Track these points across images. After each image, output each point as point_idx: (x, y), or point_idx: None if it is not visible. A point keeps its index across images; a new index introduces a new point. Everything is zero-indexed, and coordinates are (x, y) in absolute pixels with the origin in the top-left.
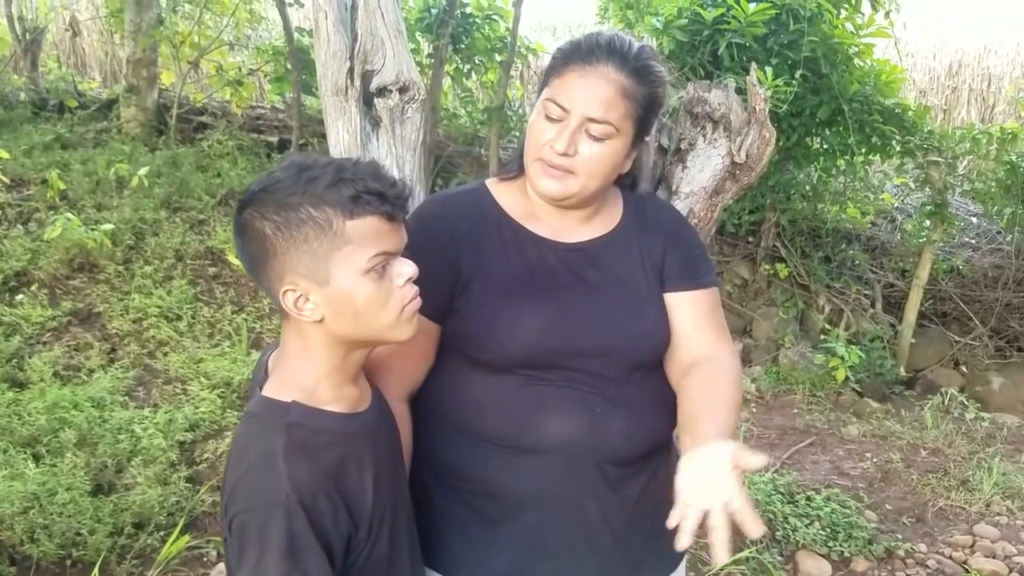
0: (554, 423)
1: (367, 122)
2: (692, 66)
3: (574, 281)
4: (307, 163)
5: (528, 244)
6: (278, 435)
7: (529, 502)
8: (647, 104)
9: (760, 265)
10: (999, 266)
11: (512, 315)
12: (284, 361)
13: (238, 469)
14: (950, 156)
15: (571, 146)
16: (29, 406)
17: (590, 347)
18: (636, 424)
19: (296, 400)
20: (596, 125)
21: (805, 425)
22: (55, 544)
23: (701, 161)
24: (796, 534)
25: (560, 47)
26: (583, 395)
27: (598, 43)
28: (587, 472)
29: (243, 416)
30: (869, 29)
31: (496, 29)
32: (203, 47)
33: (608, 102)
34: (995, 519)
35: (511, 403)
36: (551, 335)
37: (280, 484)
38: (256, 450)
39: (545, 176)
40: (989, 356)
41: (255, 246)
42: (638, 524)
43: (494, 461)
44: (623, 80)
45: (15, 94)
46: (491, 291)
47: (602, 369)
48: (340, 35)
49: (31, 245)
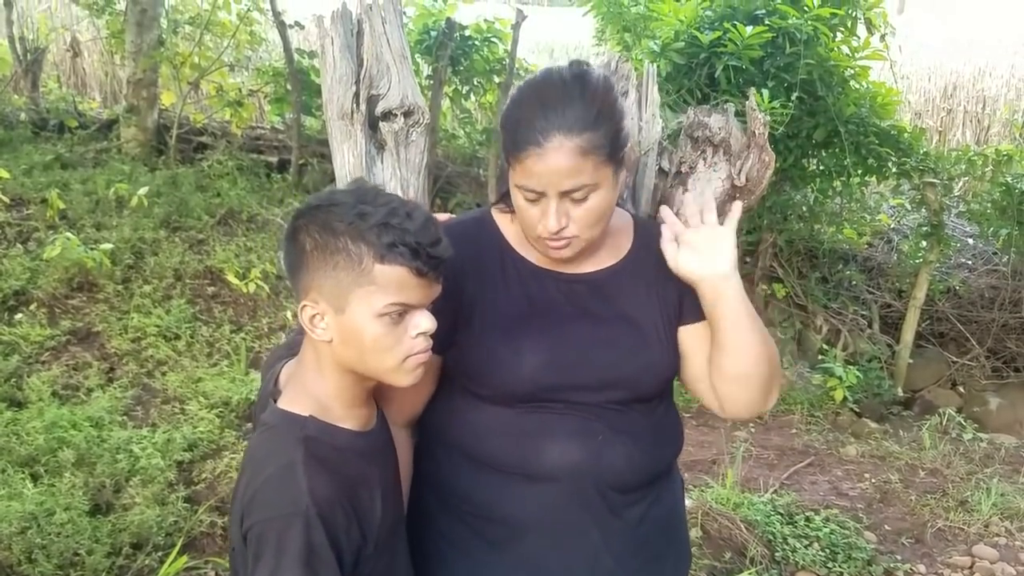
0: (556, 451)
1: (372, 145)
2: (689, 88)
3: (577, 314)
4: (368, 195)
5: (530, 276)
6: (296, 447)
7: (532, 528)
8: (611, 140)
9: (757, 285)
10: (995, 287)
11: (512, 352)
12: (301, 374)
13: (256, 480)
14: (946, 177)
15: (560, 220)
16: (27, 425)
17: (591, 382)
18: (638, 452)
19: (313, 415)
20: (574, 192)
21: (803, 445)
22: (53, 564)
23: (702, 184)
24: (795, 555)
25: (505, 123)
26: (585, 423)
27: (543, 118)
28: (589, 499)
29: (258, 426)
30: (865, 52)
31: (495, 51)
32: (203, 68)
33: (574, 170)
34: (994, 540)
35: (513, 430)
36: (551, 371)
37: (300, 495)
38: (275, 461)
39: (551, 251)
40: (986, 376)
41: (295, 255)
42: (640, 550)
43: (497, 486)
44: (575, 141)
45: (15, 114)
46: (491, 326)
47: (604, 401)
48: (346, 60)
49: (30, 264)
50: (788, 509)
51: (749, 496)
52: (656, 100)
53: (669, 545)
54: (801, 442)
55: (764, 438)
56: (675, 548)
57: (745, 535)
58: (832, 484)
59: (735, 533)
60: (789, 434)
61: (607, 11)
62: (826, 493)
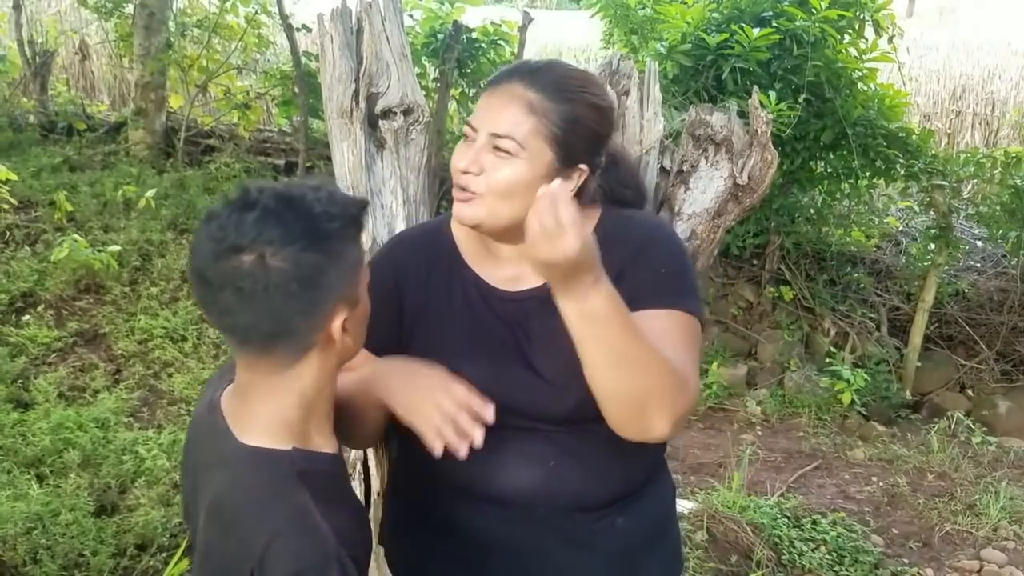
0: (507, 476)
1: (372, 144)
2: (696, 90)
3: (517, 339)
4: (296, 196)
5: (476, 295)
6: (296, 487)
7: (495, 548)
8: (566, 123)
9: (765, 288)
10: (1004, 290)
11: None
12: (259, 404)
13: (261, 534)
14: (954, 180)
15: (474, 163)
16: (34, 426)
17: (530, 410)
18: (593, 473)
19: (296, 446)
20: (500, 140)
21: (811, 448)
22: (58, 565)
23: (703, 183)
24: (802, 558)
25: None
26: (536, 447)
27: (513, 66)
28: (550, 521)
29: (220, 467)
30: (872, 54)
31: (501, 54)
32: (211, 71)
33: (512, 117)
34: (1002, 544)
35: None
36: (488, 398)
37: (326, 539)
38: (280, 509)
39: (457, 202)
40: (995, 380)
41: (303, 280)
42: (616, 564)
43: (458, 506)
44: (530, 95)
45: (24, 117)
46: (433, 347)
47: (549, 426)
48: (345, 58)
49: (38, 266)
50: (795, 512)
51: (755, 499)
52: (658, 98)
53: (653, 554)
54: (808, 445)
55: (771, 441)
56: (660, 555)
57: (751, 538)
58: (839, 487)
59: (741, 536)
60: (796, 437)
61: (614, 14)
62: (833, 496)
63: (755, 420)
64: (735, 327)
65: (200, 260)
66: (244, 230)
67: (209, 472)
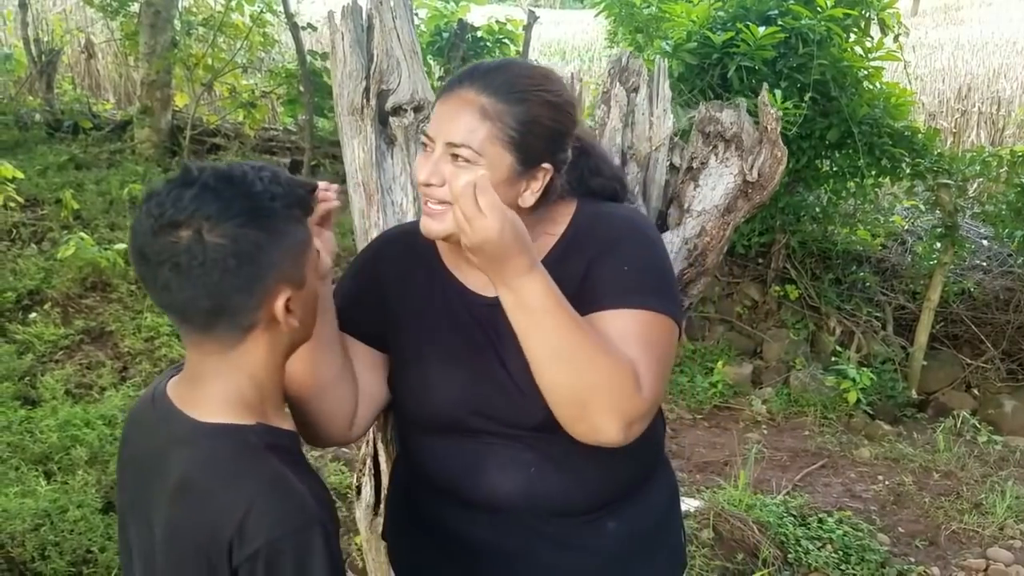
0: (490, 482)
1: (382, 140)
2: (701, 89)
3: (491, 342)
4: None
5: (454, 298)
6: (267, 457)
7: (485, 551)
8: (521, 125)
9: (770, 287)
10: (1010, 289)
11: (421, 384)
12: (215, 384)
13: (238, 503)
14: (960, 179)
15: (434, 174)
16: (41, 424)
17: (509, 416)
18: (575, 478)
19: (259, 421)
20: (457, 149)
21: (817, 447)
22: (66, 561)
23: (713, 180)
24: (808, 557)
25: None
26: (517, 454)
27: (466, 69)
28: (536, 527)
29: (176, 444)
30: (878, 53)
31: (507, 52)
32: (217, 69)
33: (466, 124)
34: (1009, 543)
35: (448, 459)
36: (462, 405)
37: (306, 503)
38: (255, 477)
39: (424, 215)
40: (1001, 379)
41: (240, 257)
42: (609, 566)
43: (448, 508)
44: (483, 100)
45: (30, 115)
46: (407, 352)
47: (528, 432)
48: (356, 55)
49: (45, 264)
50: (801, 511)
51: (762, 497)
52: (667, 96)
53: (651, 556)
54: (814, 444)
55: (777, 440)
56: (660, 557)
57: (757, 537)
58: (845, 486)
59: (747, 535)
60: (802, 436)
61: (619, 12)
62: (839, 495)
63: (761, 419)
64: (740, 326)
65: (139, 237)
66: (182, 206)
67: (160, 457)
